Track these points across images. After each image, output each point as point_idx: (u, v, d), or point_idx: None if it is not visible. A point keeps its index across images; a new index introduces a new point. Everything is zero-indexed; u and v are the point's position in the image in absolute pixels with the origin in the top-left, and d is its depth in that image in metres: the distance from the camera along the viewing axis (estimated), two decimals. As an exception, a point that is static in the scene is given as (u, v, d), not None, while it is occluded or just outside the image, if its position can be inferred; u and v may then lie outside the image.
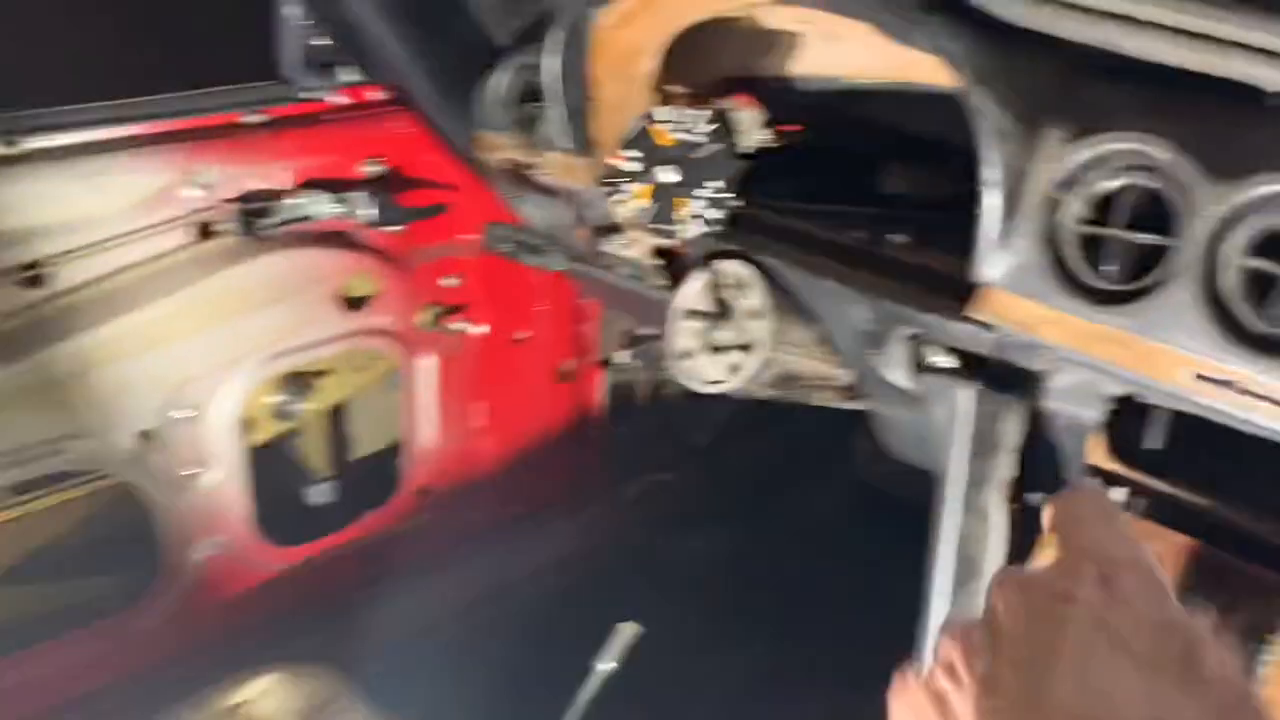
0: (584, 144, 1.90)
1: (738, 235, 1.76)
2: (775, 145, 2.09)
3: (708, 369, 1.73)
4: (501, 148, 2.07)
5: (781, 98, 1.99)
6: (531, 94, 2.00)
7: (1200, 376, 1.20)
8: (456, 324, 2.37)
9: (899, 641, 1.50)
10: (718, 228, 1.71)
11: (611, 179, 1.78)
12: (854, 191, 1.99)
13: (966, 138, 1.36)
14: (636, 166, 1.75)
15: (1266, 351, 1.15)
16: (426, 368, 2.36)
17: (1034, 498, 1.66)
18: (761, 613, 2.59)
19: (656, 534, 2.77)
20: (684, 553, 2.76)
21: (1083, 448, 1.50)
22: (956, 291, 1.44)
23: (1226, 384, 1.19)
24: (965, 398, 1.42)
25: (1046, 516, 0.79)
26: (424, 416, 2.39)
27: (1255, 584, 1.32)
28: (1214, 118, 1.23)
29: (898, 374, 1.63)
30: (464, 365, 2.41)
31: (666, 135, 1.74)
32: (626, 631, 1.86)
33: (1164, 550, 1.39)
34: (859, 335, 1.61)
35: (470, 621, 2.47)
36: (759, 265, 1.69)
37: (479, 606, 2.49)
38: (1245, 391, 1.18)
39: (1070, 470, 1.56)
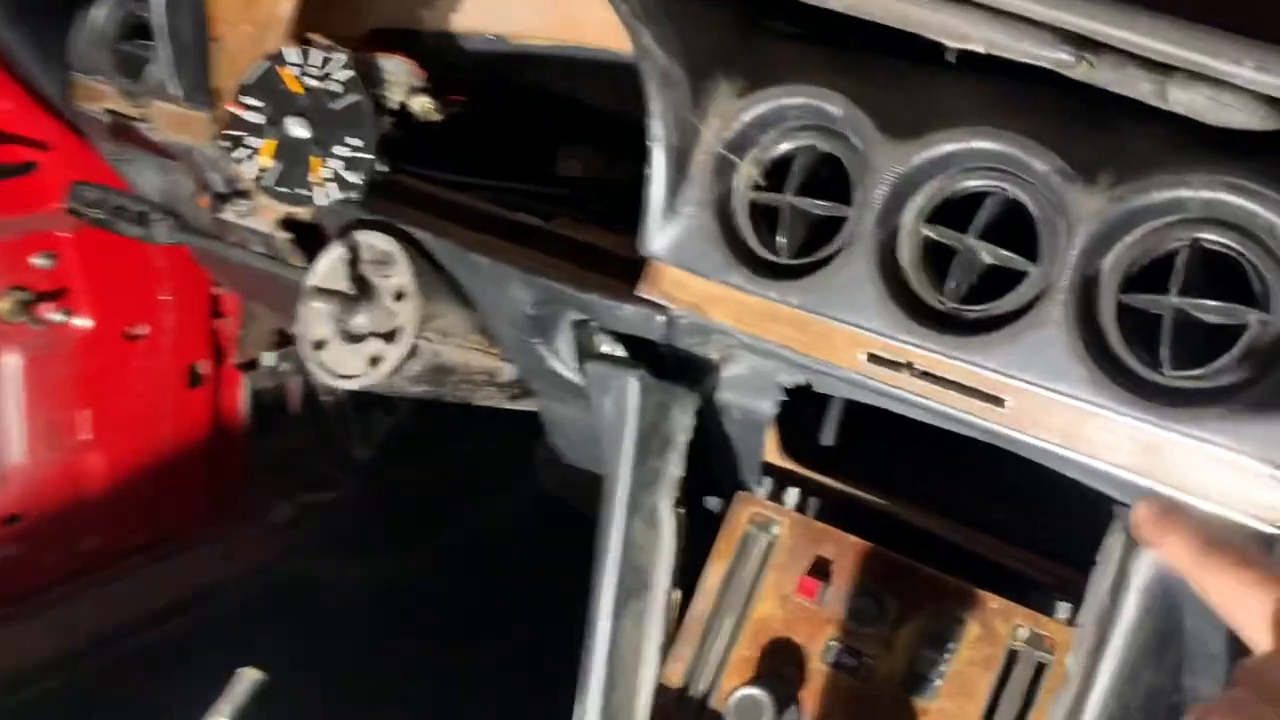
0: (200, 93, 1.58)
1: (382, 204, 1.51)
2: (439, 116, 1.87)
3: (345, 361, 1.46)
4: (101, 96, 1.70)
5: (448, 64, 1.77)
6: (137, 30, 1.66)
7: (873, 357, 1.08)
8: (49, 314, 1.95)
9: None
10: (357, 194, 1.45)
11: (231, 132, 1.48)
12: (528, 172, 1.80)
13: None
14: (260, 118, 1.46)
15: (945, 329, 1.04)
16: (8, 367, 1.92)
17: (710, 501, 1.52)
18: (426, 651, 2.33)
19: (312, 563, 2.44)
20: (344, 584, 2.45)
21: (759, 444, 1.37)
22: (627, 271, 1.27)
23: (902, 366, 1.08)
24: (632, 389, 1.24)
25: None
26: (6, 429, 1.94)
27: (934, 587, 1.22)
28: (893, 74, 1.12)
29: (564, 365, 1.44)
30: (61, 365, 1.98)
31: (296, 81, 1.47)
32: (246, 679, 1.53)
33: (841, 554, 1.27)
34: (521, 321, 1.40)
35: (71, 672, 2.03)
36: (406, 238, 1.45)
37: (82, 655, 2.05)
38: (923, 374, 1.07)
39: (745, 469, 1.43)
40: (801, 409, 1.42)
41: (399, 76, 1.54)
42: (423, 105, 1.83)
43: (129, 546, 2.20)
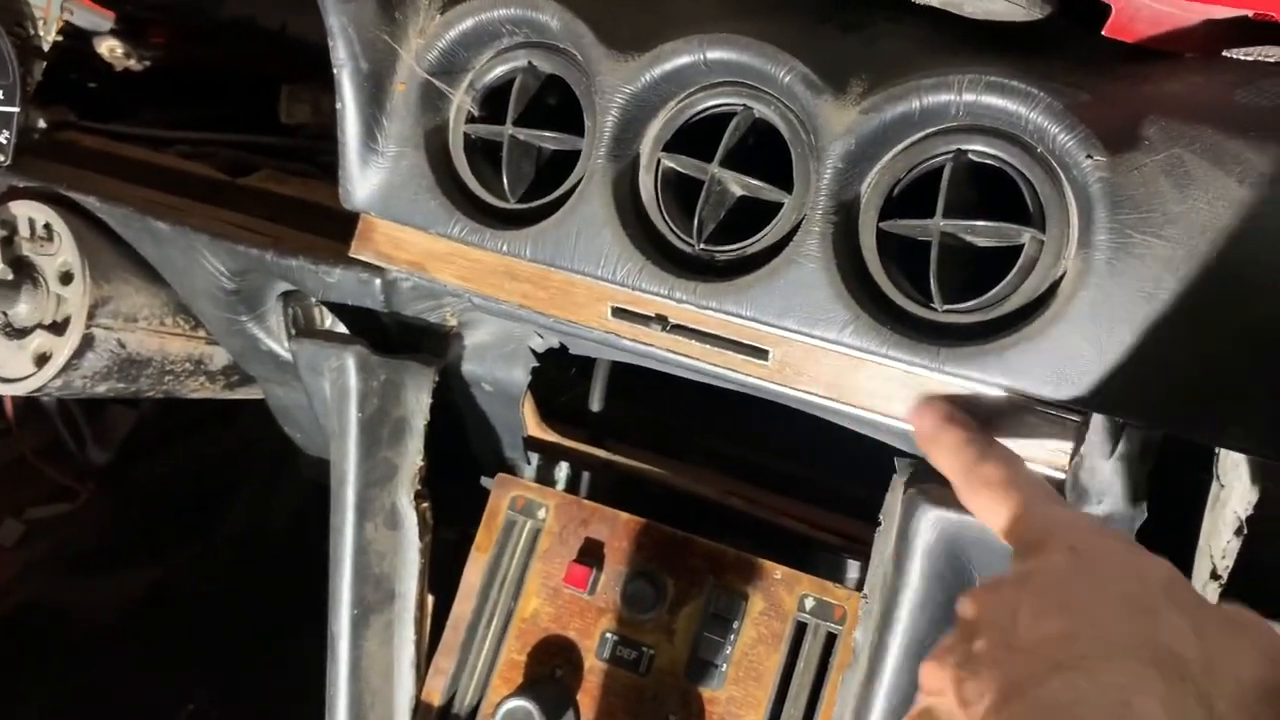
0: None
1: (43, 167, 1.25)
2: (135, 62, 1.59)
3: (8, 361, 1.20)
4: None
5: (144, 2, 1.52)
6: None
7: (619, 312, 0.93)
8: None
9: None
10: (4, 157, 1.19)
11: None
12: (243, 122, 1.55)
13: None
14: None
15: (694, 274, 0.89)
16: None
17: (488, 481, 1.35)
18: (205, 667, 2.07)
19: (51, 586, 2.13)
20: (93, 606, 2.15)
21: (517, 417, 1.20)
22: (345, 230, 1.07)
23: (651, 320, 0.93)
24: (349, 369, 1.05)
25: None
26: None
27: (712, 561, 1.09)
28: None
29: (280, 344, 1.23)
30: None
31: (-98, 18, 1.18)
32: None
33: (612, 534, 1.12)
34: (221, 297, 1.18)
35: None
36: (71, 207, 1.19)
37: None
38: (675, 328, 0.92)
39: (508, 446, 1.26)
40: (562, 373, 1.27)
41: (51, 10, 1.27)
42: (110, 49, 1.56)
43: None
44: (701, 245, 0.90)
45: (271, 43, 1.59)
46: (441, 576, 1.20)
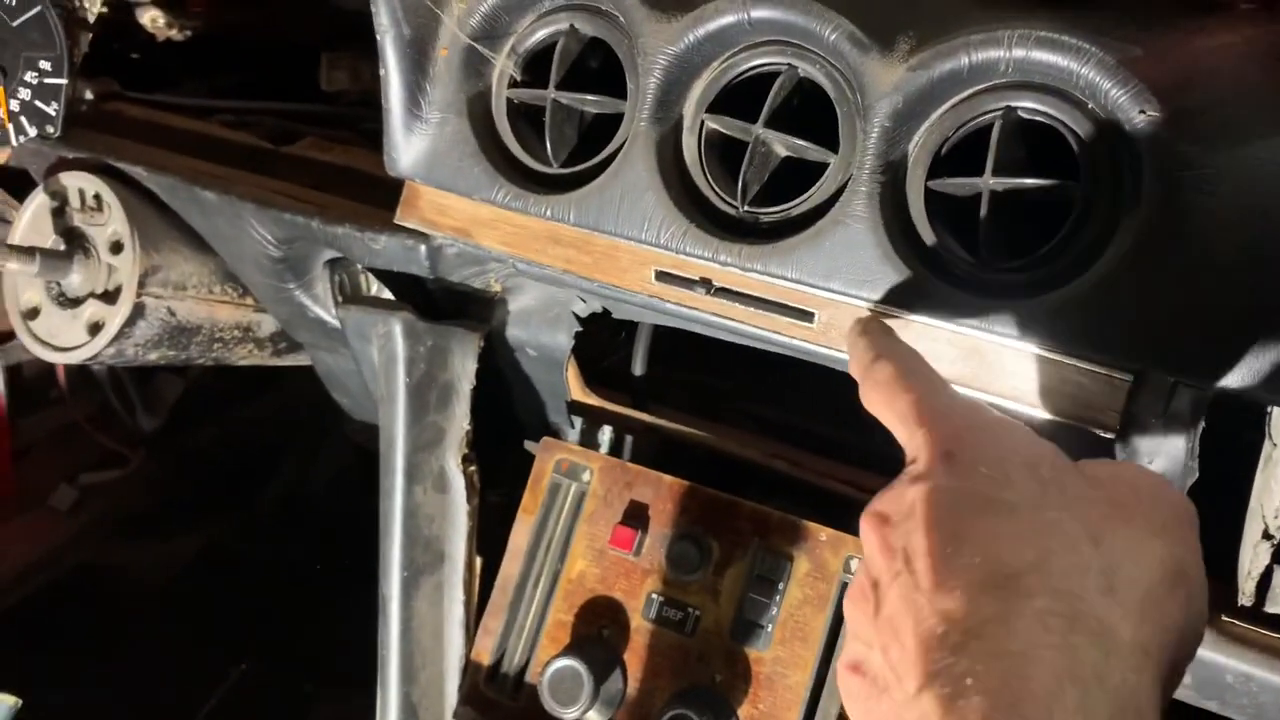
0: None
1: (92, 137, 1.26)
2: (178, 32, 1.60)
3: (62, 330, 1.23)
4: None
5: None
6: None
7: (663, 275, 0.93)
8: None
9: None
10: (54, 128, 1.21)
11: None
12: (284, 90, 1.56)
13: None
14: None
15: (739, 237, 0.89)
16: None
17: (533, 445, 1.36)
18: (251, 629, 2.11)
19: (105, 549, 2.18)
20: (145, 568, 2.20)
21: (561, 382, 1.21)
22: (390, 197, 1.07)
23: (695, 283, 0.93)
24: (397, 335, 1.06)
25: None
26: None
27: (758, 523, 1.10)
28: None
29: (327, 311, 1.24)
30: None
31: (-47, -8, 1.20)
32: (2, 706, 1.32)
33: (657, 496, 1.13)
34: (268, 265, 1.20)
35: None
36: (119, 178, 1.21)
37: None
38: (720, 291, 0.92)
39: (552, 411, 1.27)
40: (606, 337, 1.27)
41: (94, -20, 1.28)
42: (153, 20, 1.57)
43: None
44: (746, 207, 0.89)
45: (310, 9, 1.60)
46: (488, 539, 1.22)
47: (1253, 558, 0.94)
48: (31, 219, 1.23)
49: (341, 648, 2.12)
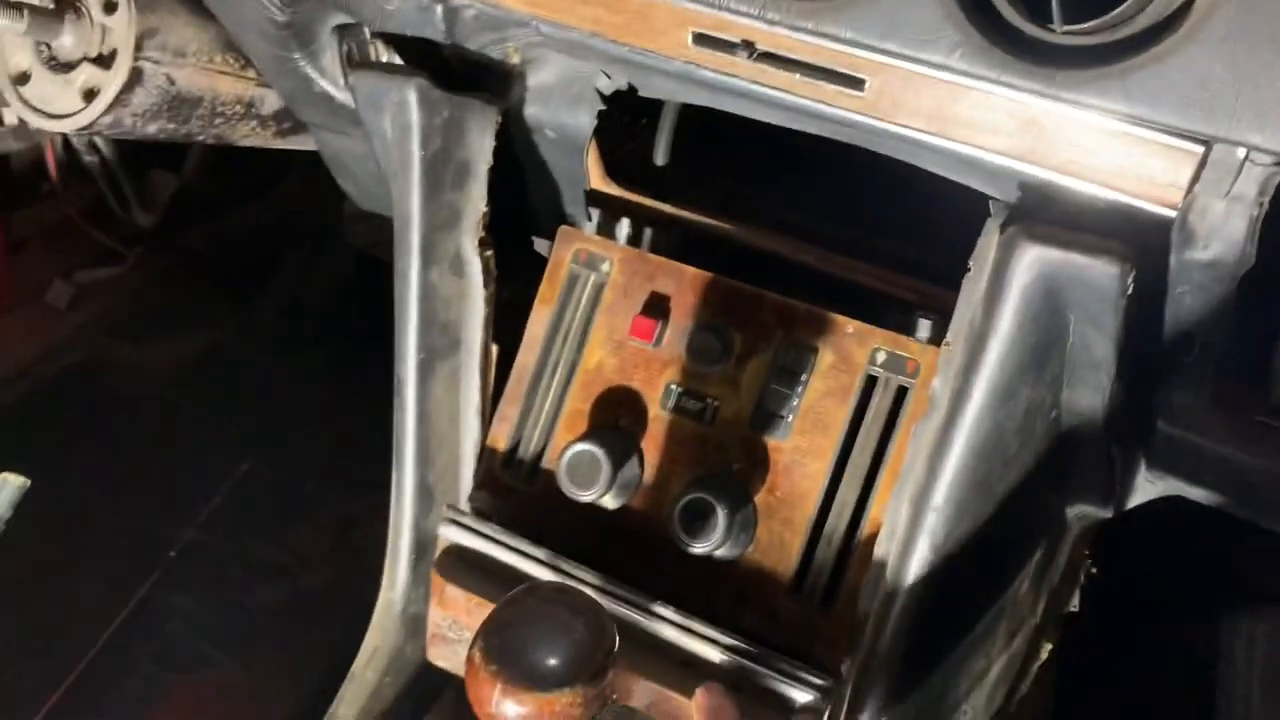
0: None
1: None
2: None
3: (55, 96, 1.16)
4: None
5: None
6: None
7: (701, 38, 0.87)
8: None
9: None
10: None
11: None
12: None
13: None
14: None
15: (786, -7, 0.83)
16: None
17: (539, 244, 1.32)
18: (249, 434, 2.12)
19: (104, 347, 2.17)
20: (145, 367, 2.19)
21: (581, 167, 1.16)
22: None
23: (737, 46, 0.87)
24: (411, 104, 1.00)
25: None
26: None
27: (782, 315, 1.07)
28: None
29: (334, 84, 1.18)
30: None
31: None
32: (8, 486, 1.32)
33: (679, 288, 1.10)
34: (273, 31, 1.12)
35: None
36: (109, -70, 1.12)
37: None
38: (764, 56, 0.86)
39: (568, 200, 1.22)
40: (628, 123, 1.21)
41: None
42: None
43: None
44: (797, -39, 0.83)
45: None
46: (502, 332, 1.19)
47: (1288, 358, 0.92)
48: (13, -26, 1.14)
49: (341, 450, 2.15)
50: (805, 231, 1.26)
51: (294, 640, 1.80)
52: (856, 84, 0.83)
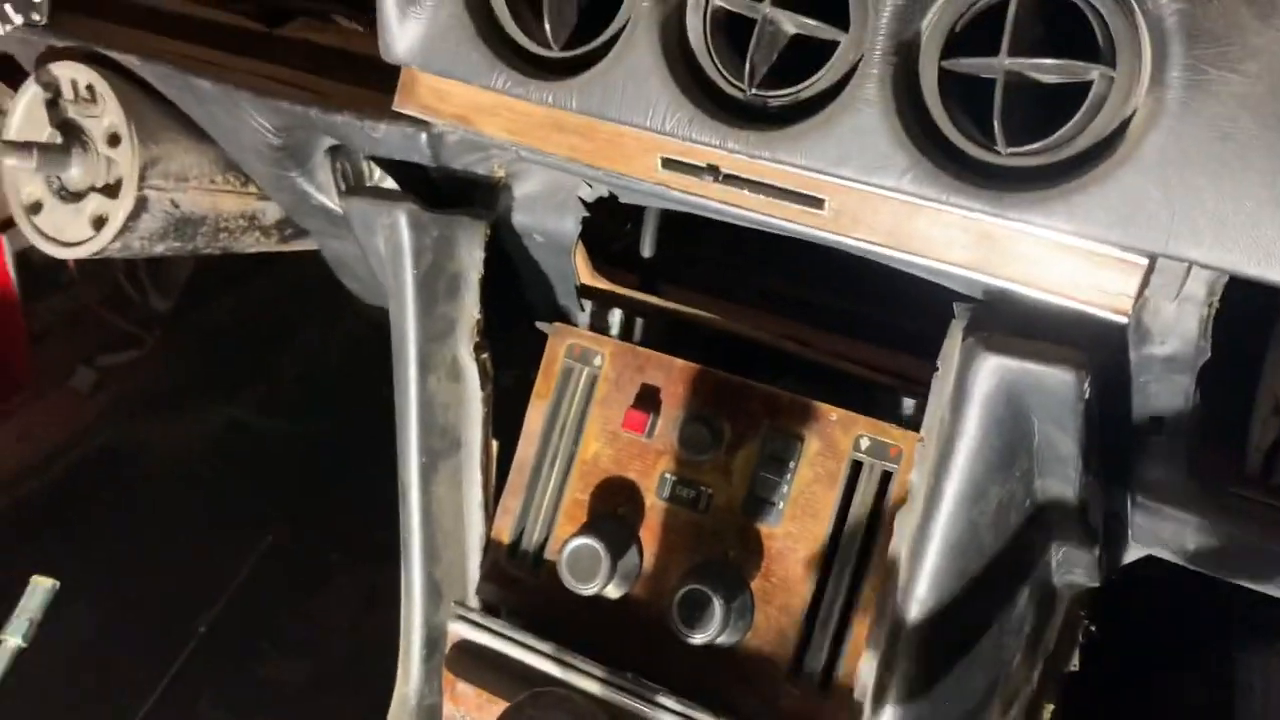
0: None
1: (80, 24, 1.23)
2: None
3: (67, 225, 1.22)
4: None
5: None
6: None
7: (670, 163, 0.91)
8: None
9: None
10: (39, 15, 1.17)
11: None
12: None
13: None
14: (-115, -74, 1.14)
15: (746, 122, 0.87)
16: None
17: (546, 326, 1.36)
18: (274, 499, 2.18)
19: (128, 428, 2.23)
20: (169, 445, 2.25)
21: (569, 266, 1.20)
22: (388, 81, 1.05)
23: (703, 170, 0.91)
24: (402, 226, 1.05)
25: None
26: None
27: (769, 404, 1.11)
28: None
29: (330, 198, 1.23)
30: None
31: (-80, -128, 1.14)
32: (40, 588, 1.37)
33: (669, 379, 1.14)
34: (269, 153, 1.18)
35: None
36: (112, 67, 1.18)
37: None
38: (728, 178, 0.91)
39: (561, 295, 1.26)
40: (612, 221, 1.26)
41: None
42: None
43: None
44: (754, 90, 0.87)
45: None
46: (502, 422, 1.24)
47: (1261, 431, 0.95)
48: (25, 111, 1.21)
49: (363, 519, 2.20)
50: (792, 303, 1.30)
51: (319, 714, 1.85)
52: (817, 203, 0.88)
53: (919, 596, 0.93)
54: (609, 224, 1.22)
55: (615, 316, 1.23)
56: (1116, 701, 1.66)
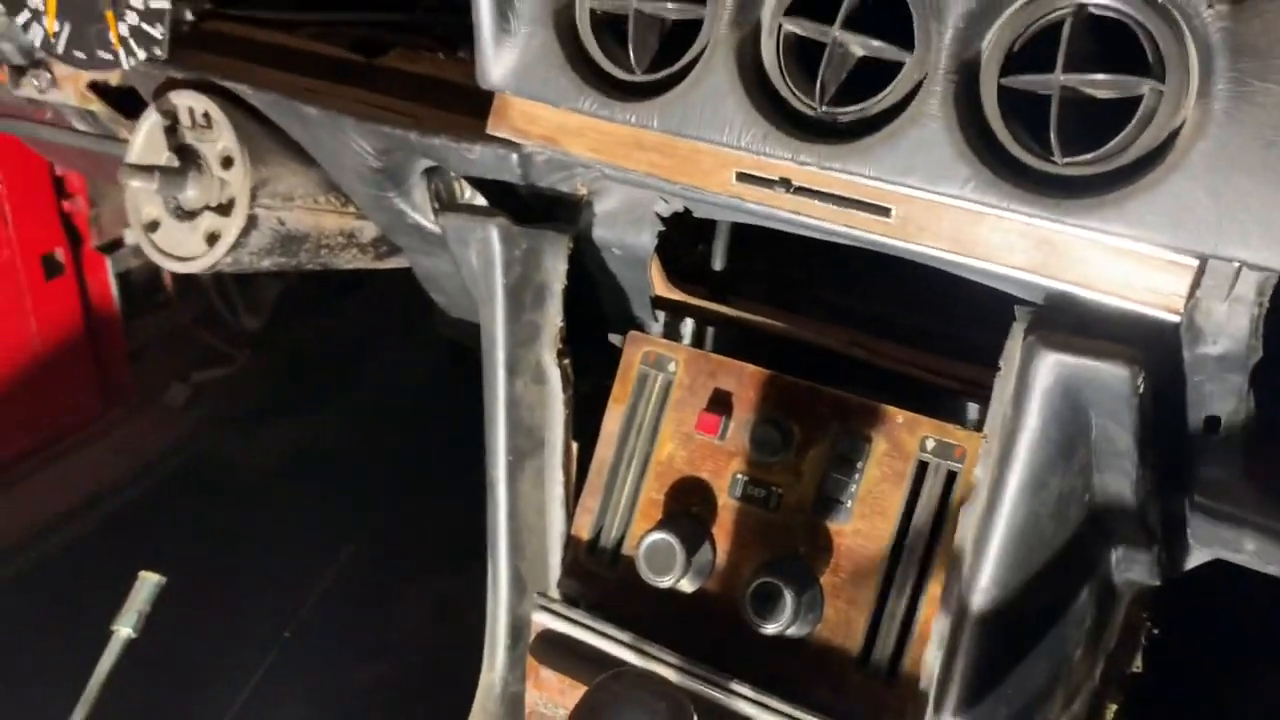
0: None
1: (196, 57, 1.33)
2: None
3: (182, 241, 1.32)
4: None
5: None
6: None
7: (744, 176, 0.98)
8: None
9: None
10: (161, 50, 1.28)
11: (2, -8, 1.28)
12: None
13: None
14: (29, -29, 1.26)
15: (817, 137, 0.94)
16: None
17: (616, 338, 1.43)
18: (349, 513, 2.27)
19: (217, 441, 2.34)
20: (254, 458, 2.36)
21: (645, 278, 1.28)
22: (479, 106, 1.13)
23: (775, 183, 0.98)
24: (494, 240, 1.13)
25: None
26: None
27: (837, 408, 1.16)
28: None
29: (424, 217, 1.32)
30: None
31: (62, -77, 1.26)
32: (147, 583, 1.46)
33: (740, 385, 1.20)
34: (368, 174, 1.27)
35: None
36: (226, 95, 1.28)
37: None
38: (799, 190, 0.97)
39: (636, 306, 1.33)
40: (687, 235, 1.33)
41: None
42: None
43: (13, 454, 2.08)
44: (824, 108, 0.93)
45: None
46: (581, 426, 1.31)
47: (1315, 430, 0.98)
48: (146, 138, 1.31)
49: (436, 532, 2.28)
50: (858, 315, 1.36)
51: (399, 715, 1.92)
52: (884, 212, 0.94)
53: (982, 586, 0.97)
54: (682, 239, 1.29)
55: (688, 326, 1.30)
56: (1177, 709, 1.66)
